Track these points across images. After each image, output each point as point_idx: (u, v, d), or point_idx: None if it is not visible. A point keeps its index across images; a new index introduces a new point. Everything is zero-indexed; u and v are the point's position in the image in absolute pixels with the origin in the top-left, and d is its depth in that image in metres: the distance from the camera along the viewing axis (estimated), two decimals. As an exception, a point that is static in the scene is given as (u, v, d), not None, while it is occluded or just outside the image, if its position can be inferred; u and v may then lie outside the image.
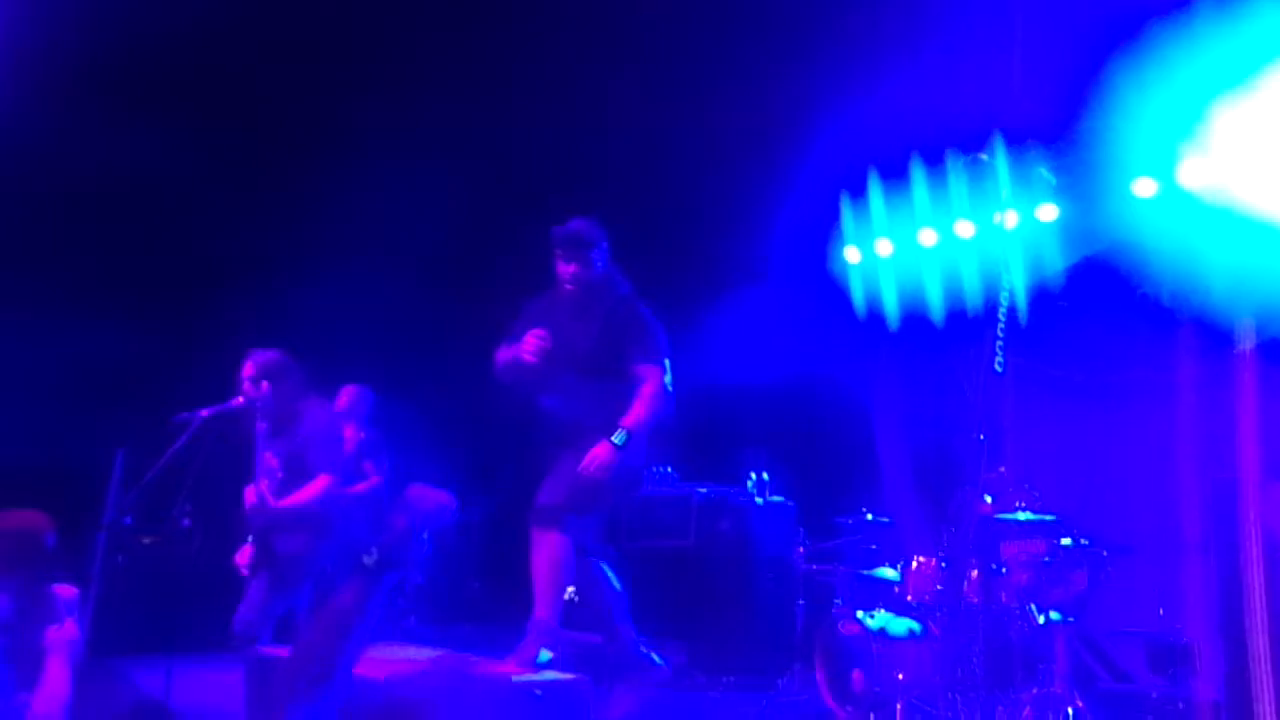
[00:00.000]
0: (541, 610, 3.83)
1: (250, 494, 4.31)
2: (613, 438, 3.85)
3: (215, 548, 4.16)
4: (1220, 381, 4.50)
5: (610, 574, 4.21)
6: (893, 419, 6.41)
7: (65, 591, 3.14)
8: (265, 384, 4.25)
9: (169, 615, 4.03)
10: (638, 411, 3.92)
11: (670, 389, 4.04)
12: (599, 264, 4.10)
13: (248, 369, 4.30)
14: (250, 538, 4.25)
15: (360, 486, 5.00)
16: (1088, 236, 5.70)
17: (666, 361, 4.07)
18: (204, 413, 3.98)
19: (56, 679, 2.96)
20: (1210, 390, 4.67)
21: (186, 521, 3.75)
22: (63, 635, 3.04)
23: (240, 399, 4.17)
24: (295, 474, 4.30)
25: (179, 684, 3.89)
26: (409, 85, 6.42)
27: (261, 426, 4.33)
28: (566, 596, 4.04)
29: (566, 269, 4.06)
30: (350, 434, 5.37)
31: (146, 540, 3.63)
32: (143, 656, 4.23)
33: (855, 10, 5.69)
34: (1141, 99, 4.87)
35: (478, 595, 6.32)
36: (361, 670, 2.72)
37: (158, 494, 3.78)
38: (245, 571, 4.23)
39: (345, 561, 4.33)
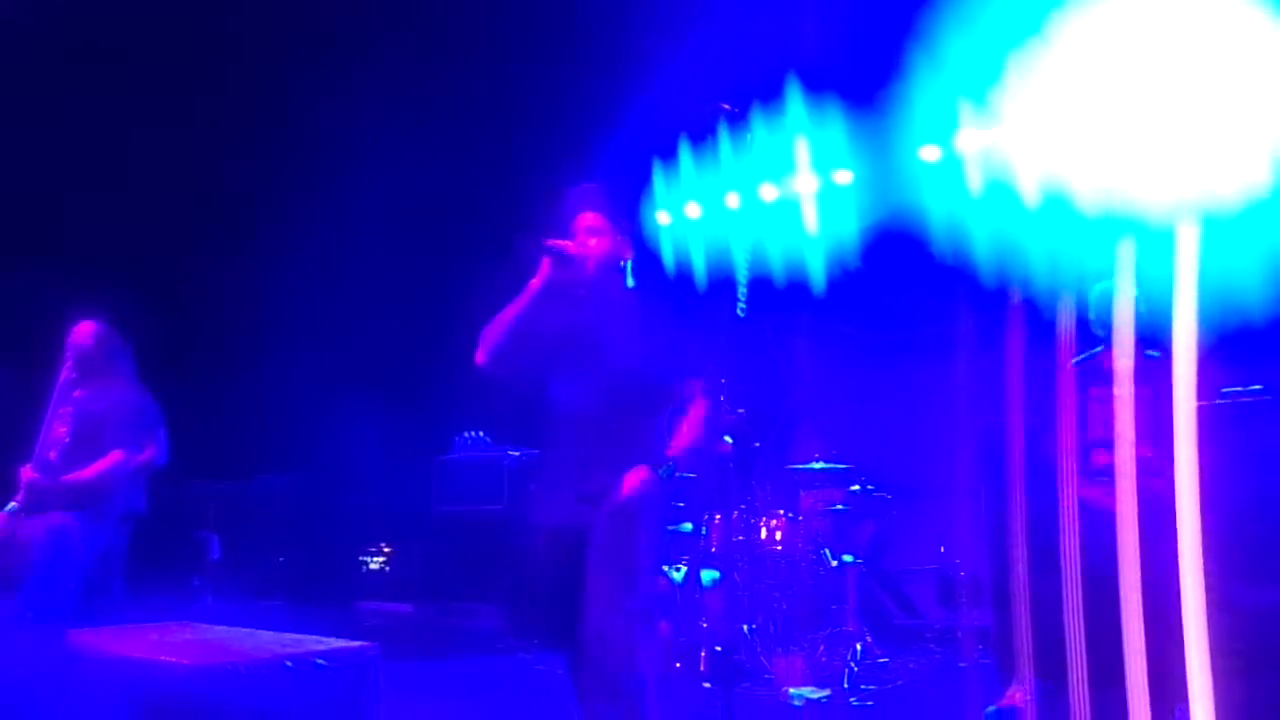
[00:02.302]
0: None
1: (28, 470, 4.09)
2: (660, 473, 2.89)
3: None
4: (992, 336, 4.84)
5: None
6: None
7: None
8: (87, 351, 4.20)
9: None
10: (686, 436, 2.99)
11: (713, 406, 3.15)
12: (627, 246, 3.19)
13: (75, 335, 4.24)
14: (15, 510, 4.04)
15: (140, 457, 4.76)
16: (881, 200, 5.98)
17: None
18: None
19: None
20: (983, 345, 5.01)
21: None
22: None
23: None
24: (86, 443, 4.13)
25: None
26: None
27: (55, 400, 4.19)
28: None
29: (597, 243, 3.08)
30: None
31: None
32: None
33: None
34: (930, 66, 5.12)
35: (280, 570, 6.13)
36: (165, 655, 2.59)
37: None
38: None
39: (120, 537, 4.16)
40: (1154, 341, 2.89)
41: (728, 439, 4.74)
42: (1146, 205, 2.99)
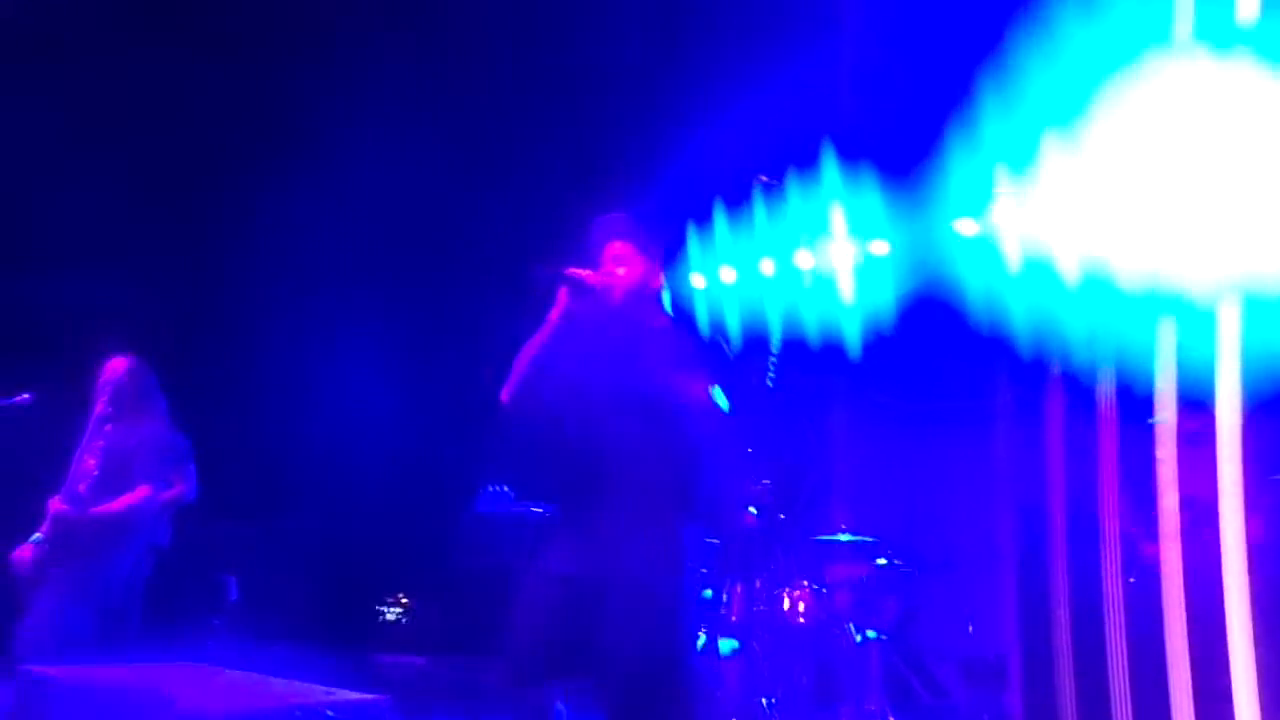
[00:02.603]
0: None
1: (56, 502, 4.13)
2: None
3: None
4: (1031, 410, 4.77)
5: None
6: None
7: None
8: (105, 391, 4.25)
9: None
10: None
11: (723, 404, 2.89)
12: (656, 273, 3.04)
13: (102, 374, 4.31)
14: (41, 541, 4.07)
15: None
16: (917, 271, 5.96)
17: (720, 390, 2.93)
18: None
19: None
20: (1022, 418, 4.94)
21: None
22: None
23: (26, 396, 4.04)
24: (114, 477, 4.18)
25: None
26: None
27: (88, 433, 4.24)
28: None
29: (626, 271, 2.94)
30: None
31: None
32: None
33: (699, 44, 5.84)
34: (967, 141, 5.14)
35: (297, 616, 6.08)
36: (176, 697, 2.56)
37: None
38: (26, 575, 4.05)
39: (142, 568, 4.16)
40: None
41: (752, 510, 4.69)
42: (1188, 283, 2.95)
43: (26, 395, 4.14)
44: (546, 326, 2.90)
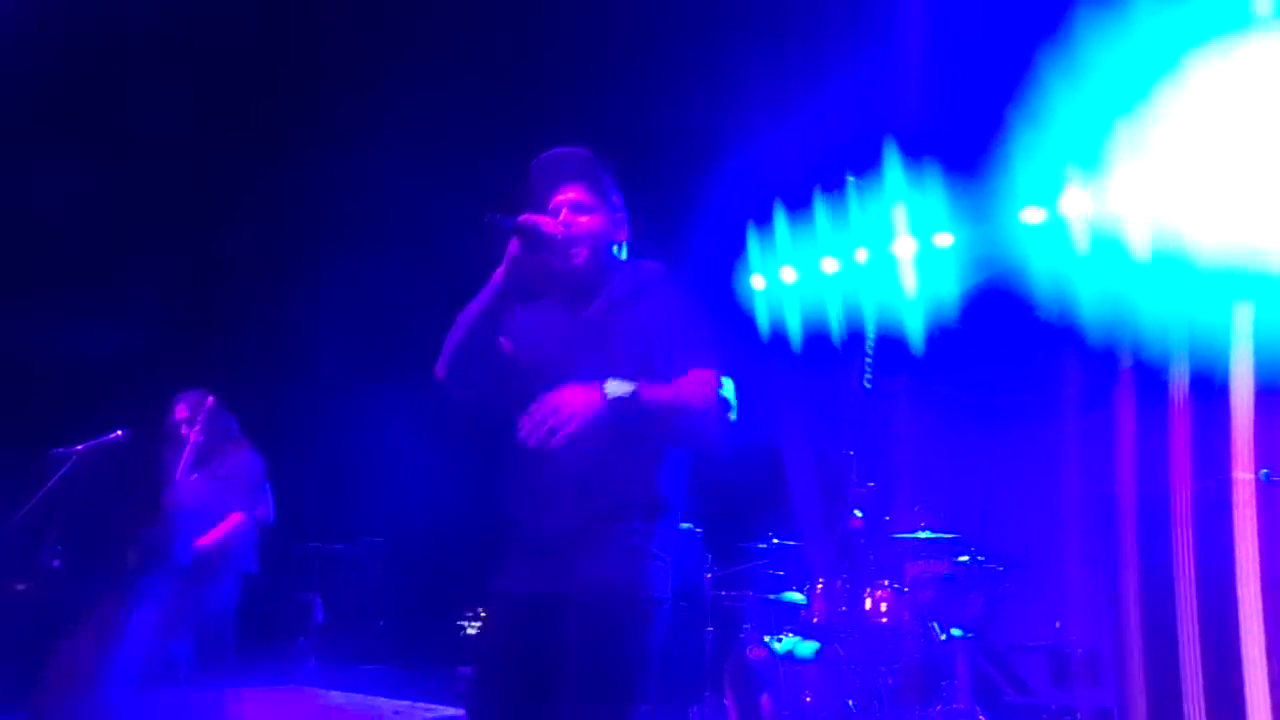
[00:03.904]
0: None
1: (151, 534, 4.22)
2: (606, 386, 2.13)
3: (86, 590, 4.03)
4: (1101, 402, 4.67)
5: None
6: (798, 442, 6.50)
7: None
8: (198, 425, 4.33)
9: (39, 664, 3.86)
10: (669, 392, 2.22)
11: (732, 408, 2.30)
12: (621, 224, 2.49)
13: (180, 410, 4.39)
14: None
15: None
16: (983, 262, 5.88)
17: (730, 383, 2.33)
18: (80, 447, 3.91)
19: None
20: (1092, 410, 4.84)
21: (56, 563, 3.62)
22: None
23: (119, 433, 4.15)
24: (211, 506, 4.32)
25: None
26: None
27: (180, 465, 4.34)
28: None
29: (586, 221, 2.39)
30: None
31: (20, 587, 3.48)
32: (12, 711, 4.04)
33: (760, 43, 5.82)
34: (1033, 129, 5.05)
35: (381, 634, 6.19)
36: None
37: (27, 534, 3.63)
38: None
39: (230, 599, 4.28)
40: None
41: (858, 513, 4.65)
42: (1267, 265, 2.87)
43: (119, 433, 4.25)
44: (489, 286, 2.33)
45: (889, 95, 5.73)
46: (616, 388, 2.12)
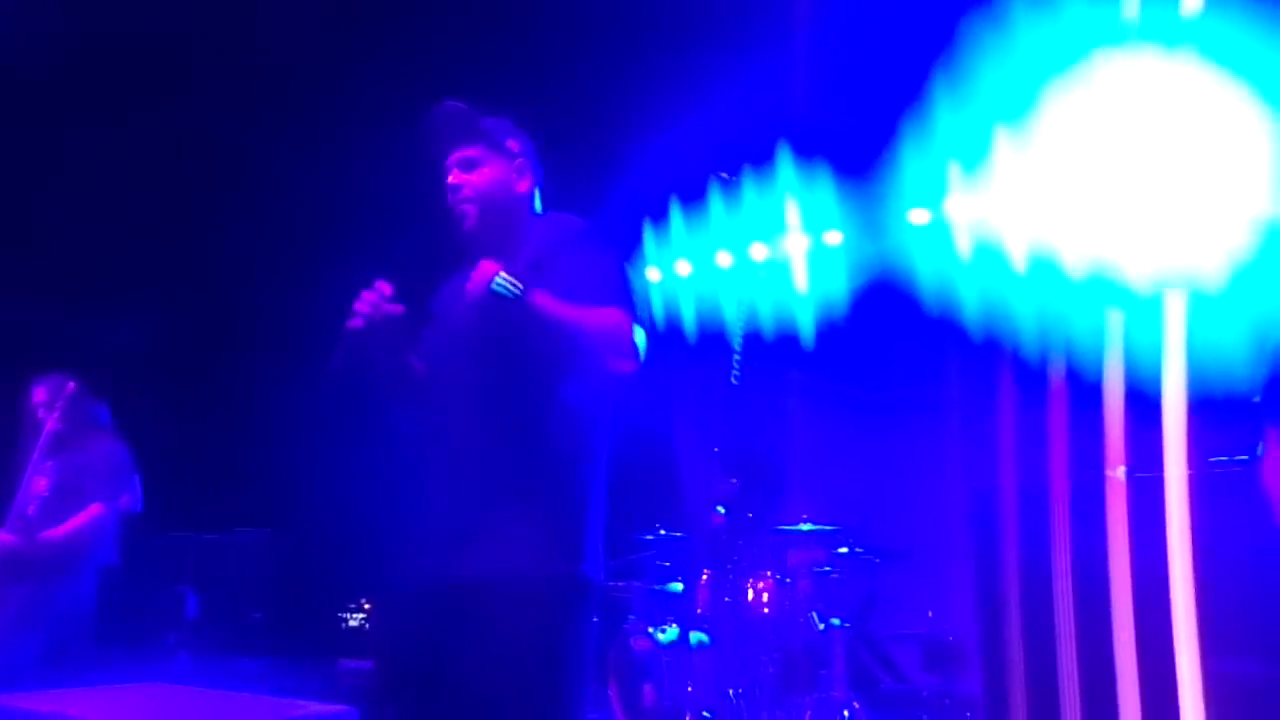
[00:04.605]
0: None
1: (3, 535, 4.03)
2: (494, 281, 2.00)
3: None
4: (983, 398, 4.84)
5: None
6: (688, 434, 6.56)
7: None
8: (57, 410, 4.15)
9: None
10: (570, 310, 2.10)
11: (640, 352, 2.22)
12: (522, 171, 2.39)
13: (39, 394, 4.20)
14: None
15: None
16: (871, 261, 6.03)
17: (641, 331, 2.25)
18: None
19: None
20: (974, 406, 5.01)
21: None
22: None
23: None
24: (67, 496, 4.10)
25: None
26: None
27: (39, 454, 4.14)
28: None
29: (462, 182, 2.31)
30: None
31: None
32: None
33: (652, 43, 5.85)
34: (920, 133, 5.20)
35: (258, 627, 6.01)
36: None
37: None
38: None
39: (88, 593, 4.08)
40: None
41: (720, 509, 4.70)
42: (1134, 273, 3.00)
43: None
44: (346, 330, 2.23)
45: (782, 96, 5.83)
46: (504, 284, 1.99)
